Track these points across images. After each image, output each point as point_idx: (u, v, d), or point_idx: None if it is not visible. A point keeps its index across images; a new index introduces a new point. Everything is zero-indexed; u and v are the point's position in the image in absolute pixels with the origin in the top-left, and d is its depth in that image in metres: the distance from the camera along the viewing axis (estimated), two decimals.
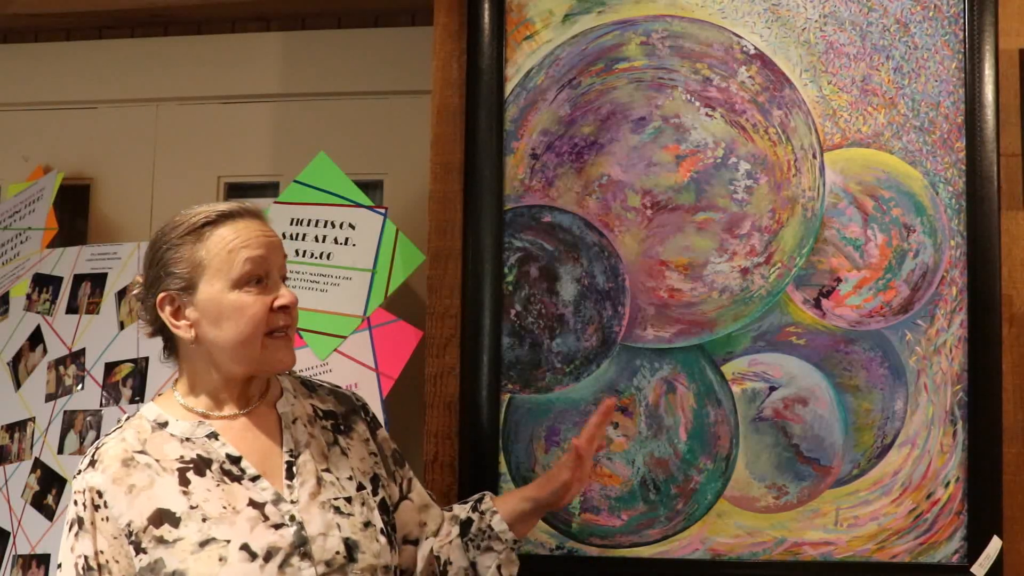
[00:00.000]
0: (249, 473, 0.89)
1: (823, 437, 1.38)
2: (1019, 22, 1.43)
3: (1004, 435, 1.38)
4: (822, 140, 1.40)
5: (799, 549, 1.38)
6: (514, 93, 1.42)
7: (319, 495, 0.90)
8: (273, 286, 0.91)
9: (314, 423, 0.98)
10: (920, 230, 1.39)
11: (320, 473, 0.92)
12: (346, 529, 0.89)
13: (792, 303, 1.38)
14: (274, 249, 0.92)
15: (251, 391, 0.94)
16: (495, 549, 1.08)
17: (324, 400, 1.04)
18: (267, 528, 0.85)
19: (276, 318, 0.90)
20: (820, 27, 1.42)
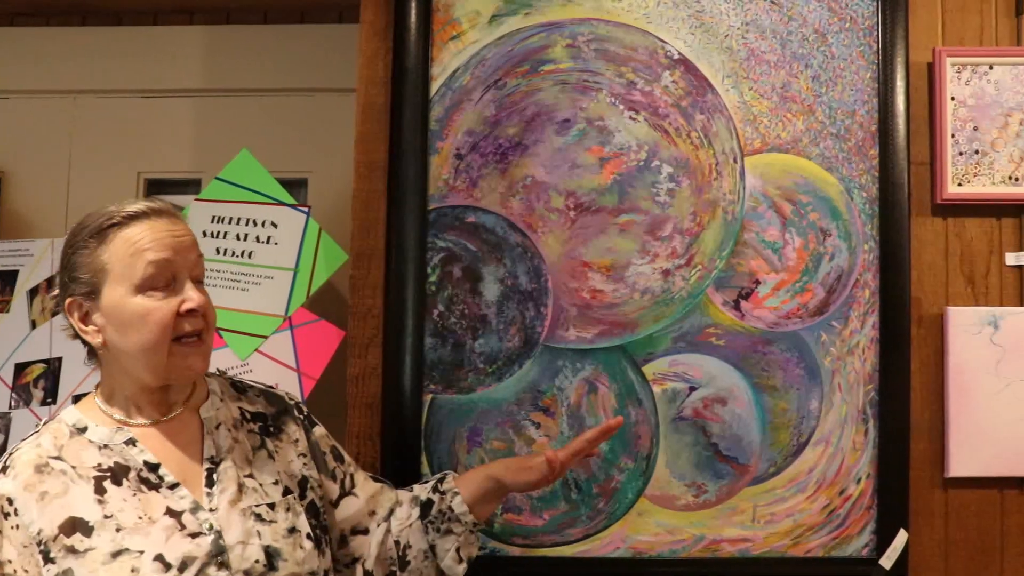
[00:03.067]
0: (168, 481, 0.90)
1: (741, 436, 1.51)
2: (928, 36, 1.59)
3: (912, 432, 1.53)
4: (743, 145, 1.53)
5: (718, 546, 1.51)
6: (439, 93, 1.51)
7: (239, 502, 0.92)
8: (180, 289, 0.91)
9: (240, 427, 1.00)
10: (836, 234, 1.54)
11: (242, 479, 0.94)
12: (267, 536, 0.92)
13: (712, 304, 1.51)
14: (183, 250, 0.92)
15: (172, 396, 0.96)
16: (455, 532, 1.12)
17: (253, 402, 1.06)
18: (183, 537, 0.86)
19: (183, 323, 0.91)
20: (742, 34, 1.55)
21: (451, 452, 1.47)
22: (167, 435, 0.94)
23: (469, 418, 1.48)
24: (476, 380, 1.48)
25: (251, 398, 1.06)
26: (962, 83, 1.56)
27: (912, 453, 1.53)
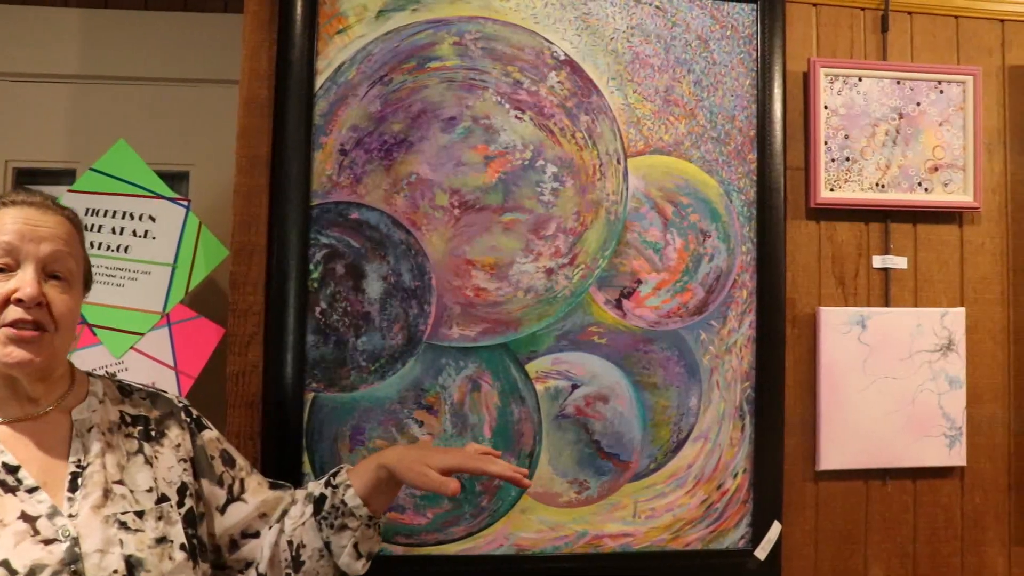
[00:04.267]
0: (26, 484, 0.89)
1: (623, 433, 1.63)
2: (803, 47, 1.74)
3: (786, 428, 1.67)
4: (626, 146, 1.65)
5: (600, 541, 1.61)
6: (324, 87, 1.55)
7: (103, 508, 0.91)
8: (21, 277, 0.91)
9: (117, 430, 0.99)
10: (715, 235, 1.67)
11: (109, 485, 0.93)
12: (131, 545, 0.91)
13: (595, 303, 1.62)
14: (36, 239, 0.92)
15: (33, 392, 0.95)
16: (350, 527, 1.07)
17: (137, 405, 1.05)
18: (35, 543, 0.85)
19: (11, 311, 0.90)
20: (628, 38, 1.66)
21: (334, 451, 1.51)
22: (32, 436, 0.93)
23: (352, 416, 1.52)
24: (359, 378, 1.53)
25: (136, 401, 1.05)
26: (834, 93, 1.71)
27: (786, 448, 1.66)
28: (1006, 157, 1.81)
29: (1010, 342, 1.79)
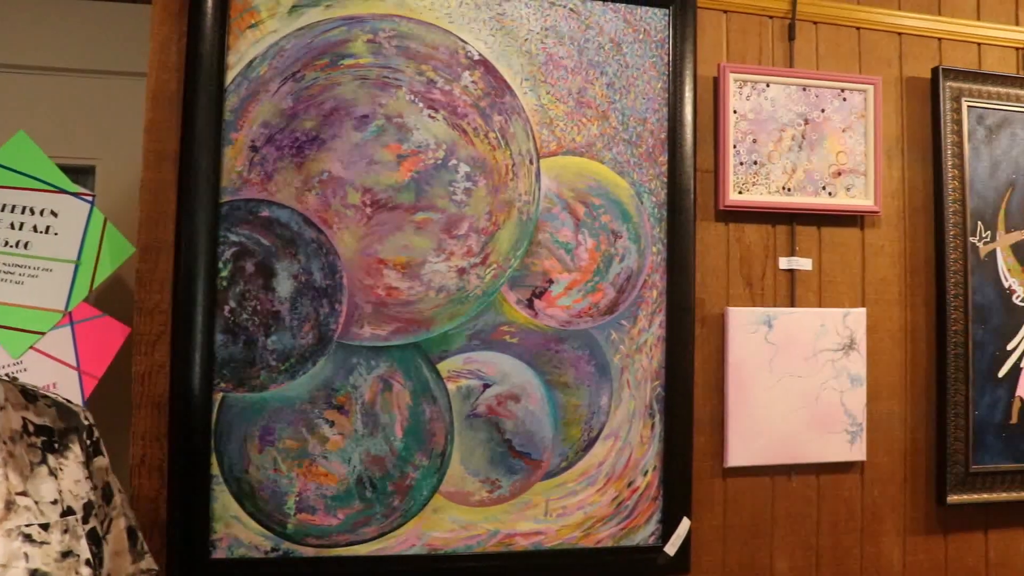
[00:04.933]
0: None
1: (534, 432, 1.70)
2: (714, 53, 1.84)
3: (695, 426, 1.76)
4: (539, 147, 1.72)
5: (512, 540, 1.68)
6: (235, 82, 1.58)
7: (6, 521, 0.89)
8: None
9: (19, 439, 1.02)
10: (626, 236, 1.75)
11: (13, 496, 0.92)
12: (36, 559, 0.89)
13: (506, 303, 1.69)
14: None
15: None
16: None
17: (42, 413, 1.07)
18: None
19: None
20: (542, 39, 1.74)
21: (242, 452, 1.54)
22: None
23: (261, 417, 1.55)
24: (268, 378, 1.56)
25: (40, 409, 1.03)
26: (743, 98, 1.82)
27: (695, 445, 1.75)
28: (904, 164, 1.94)
29: (907, 341, 1.92)
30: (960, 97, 1.93)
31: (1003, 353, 1.95)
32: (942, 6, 2.00)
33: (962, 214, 1.91)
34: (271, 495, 1.54)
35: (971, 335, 1.90)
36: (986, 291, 1.93)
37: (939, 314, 1.91)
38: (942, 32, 1.98)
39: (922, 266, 1.92)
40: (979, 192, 1.94)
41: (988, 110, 1.96)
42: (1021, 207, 1.99)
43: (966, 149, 1.92)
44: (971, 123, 1.93)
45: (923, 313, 1.92)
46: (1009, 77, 1.98)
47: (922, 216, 1.93)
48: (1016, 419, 1.95)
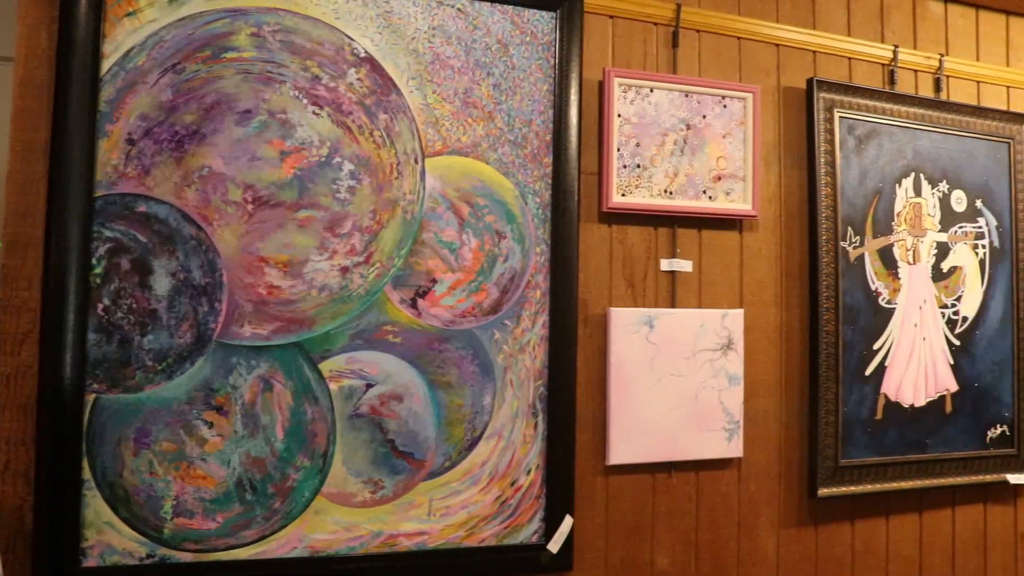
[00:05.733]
0: None
1: (417, 432, 1.84)
2: (599, 57, 2.04)
3: (577, 424, 1.95)
4: (424, 146, 1.87)
5: (395, 541, 1.81)
6: (111, 72, 1.64)
7: None
8: None
9: None
10: (510, 236, 1.93)
11: None
12: None
13: (389, 302, 1.84)
14: None
15: None
16: None
17: None
18: None
19: None
20: (429, 38, 1.89)
21: (116, 455, 1.61)
22: None
23: (136, 419, 1.61)
24: (144, 378, 1.63)
25: None
26: (627, 102, 2.03)
27: (577, 444, 1.93)
28: (780, 170, 2.19)
29: (782, 341, 2.17)
30: (833, 108, 2.19)
31: (870, 352, 2.23)
32: (816, 21, 2.26)
33: (834, 219, 2.17)
34: (147, 500, 1.62)
35: (841, 335, 2.17)
36: (855, 293, 2.21)
37: (812, 315, 2.16)
38: (816, 46, 2.24)
39: (796, 269, 2.18)
40: (849, 199, 2.21)
41: (858, 121, 2.23)
42: (887, 214, 2.27)
43: (838, 158, 2.19)
44: (842, 133, 2.20)
45: (797, 314, 2.18)
46: (877, 91, 2.26)
47: (797, 221, 2.19)
48: (881, 415, 2.24)
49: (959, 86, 2.45)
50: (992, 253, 2.42)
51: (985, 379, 2.38)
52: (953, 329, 2.34)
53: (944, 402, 2.31)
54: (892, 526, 2.27)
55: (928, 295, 2.29)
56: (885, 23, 2.33)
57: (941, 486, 2.30)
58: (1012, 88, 2.55)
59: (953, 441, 2.33)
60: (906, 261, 2.25)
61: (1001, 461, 2.41)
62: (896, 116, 2.25)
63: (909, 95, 2.29)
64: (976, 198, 2.40)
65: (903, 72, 2.34)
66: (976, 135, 2.40)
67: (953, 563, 2.37)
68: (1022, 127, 2.48)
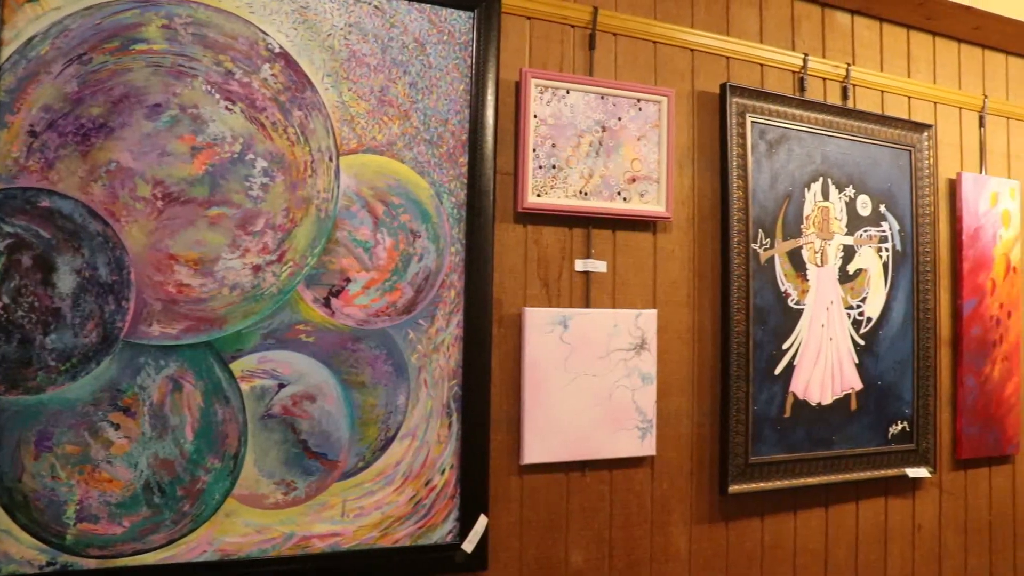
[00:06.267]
0: None
1: (330, 432, 1.85)
2: (516, 58, 2.07)
3: (492, 424, 1.99)
4: (339, 144, 1.87)
5: (308, 542, 1.82)
6: (11, 60, 1.59)
7: None
8: None
9: None
10: (425, 236, 1.95)
11: None
12: None
13: (303, 301, 1.84)
14: None
15: None
16: None
17: None
18: None
19: None
20: (345, 35, 1.89)
21: (15, 459, 1.57)
22: None
23: (37, 421, 1.58)
24: (46, 379, 1.60)
25: None
26: (544, 103, 2.07)
27: (492, 443, 1.96)
28: (694, 172, 2.26)
29: (694, 341, 2.24)
30: (745, 113, 2.27)
31: (779, 352, 2.32)
32: (730, 27, 2.34)
33: (745, 222, 2.25)
34: (48, 505, 1.59)
35: (752, 335, 2.25)
36: (765, 294, 2.29)
37: (723, 315, 2.23)
38: (730, 51, 2.32)
39: (709, 270, 2.25)
40: (760, 202, 2.29)
41: (769, 126, 2.32)
42: (796, 217, 2.36)
43: (749, 161, 2.27)
44: (754, 137, 2.28)
45: (709, 314, 2.25)
46: (787, 97, 2.35)
47: (709, 223, 2.26)
48: (789, 413, 2.33)
49: (864, 95, 2.56)
50: (895, 256, 2.53)
51: (887, 377, 2.50)
52: (858, 329, 2.44)
53: (849, 400, 2.41)
54: (800, 521, 2.36)
55: (835, 296, 2.39)
56: (796, 32, 2.42)
57: (846, 481, 2.40)
58: (913, 99, 2.68)
59: (857, 438, 2.43)
60: (814, 263, 2.35)
61: (901, 456, 2.52)
62: (806, 122, 2.34)
63: (818, 102, 2.38)
64: (880, 203, 2.51)
65: (812, 80, 2.44)
66: (880, 142, 2.51)
67: (856, 555, 2.48)
68: (922, 136, 2.60)
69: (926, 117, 2.69)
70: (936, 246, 2.64)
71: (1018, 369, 2.84)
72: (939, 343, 2.67)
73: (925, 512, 2.63)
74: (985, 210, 2.77)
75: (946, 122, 2.75)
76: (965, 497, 2.75)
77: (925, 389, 2.56)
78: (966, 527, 2.74)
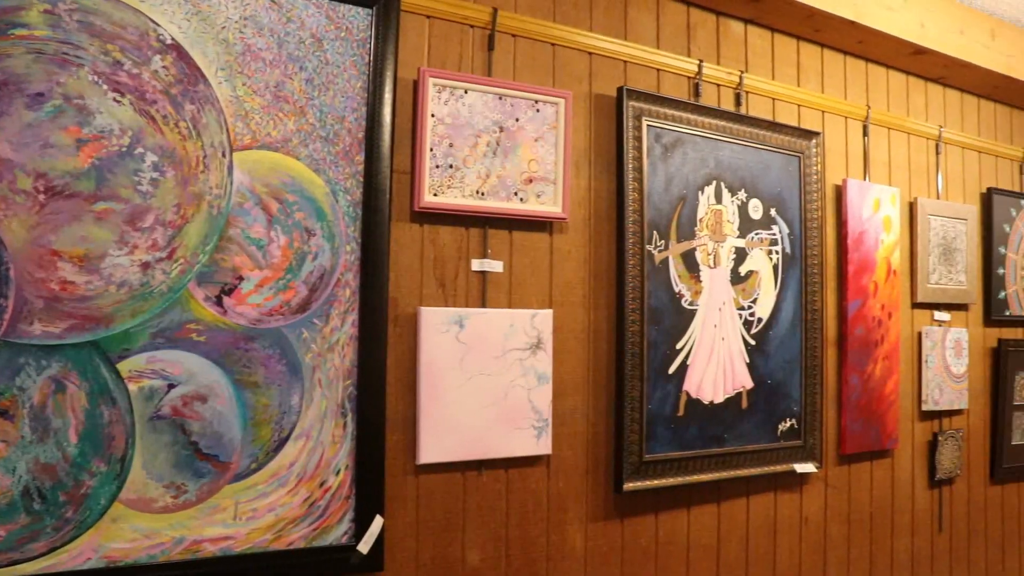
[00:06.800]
0: None
1: (222, 433, 1.83)
2: (415, 57, 2.09)
3: (387, 424, 1.99)
4: (232, 139, 1.85)
5: (199, 547, 1.78)
6: None
7: None
8: None
9: None
10: (320, 234, 1.94)
11: None
12: None
13: (193, 300, 1.81)
14: None
15: None
16: None
17: None
18: None
19: None
20: (240, 28, 1.87)
21: None
22: None
23: None
24: None
25: None
26: (442, 103, 2.09)
27: (388, 443, 1.97)
28: (590, 174, 2.31)
29: (589, 340, 2.29)
30: (641, 116, 2.34)
31: (673, 352, 2.39)
32: (628, 32, 2.41)
33: (640, 224, 2.32)
34: None
35: (646, 335, 2.32)
36: (660, 295, 2.36)
37: (619, 315, 2.30)
38: (627, 56, 2.39)
39: (604, 271, 2.31)
40: (655, 204, 2.36)
41: (665, 130, 2.39)
42: (690, 220, 2.45)
43: (645, 164, 2.33)
44: (650, 141, 2.35)
45: (605, 314, 2.31)
46: (683, 102, 2.43)
47: (605, 224, 2.32)
48: (683, 411, 2.40)
49: (757, 102, 2.67)
50: (784, 259, 2.64)
51: (777, 376, 2.60)
52: (749, 329, 2.54)
53: (741, 398, 2.51)
54: (693, 516, 2.44)
55: (727, 297, 2.48)
56: (692, 39, 2.51)
57: (737, 477, 2.50)
58: (802, 107, 2.80)
59: (748, 435, 2.53)
60: (707, 265, 2.43)
61: (790, 452, 2.64)
62: (700, 127, 2.43)
63: (712, 107, 2.47)
64: (771, 207, 2.61)
65: (707, 86, 2.53)
66: (771, 148, 2.62)
67: (747, 548, 2.57)
68: (811, 143, 2.73)
69: (814, 125, 2.81)
70: (823, 249, 2.77)
71: (898, 367, 3.00)
72: (826, 343, 2.79)
73: (811, 505, 2.75)
74: (868, 215, 2.92)
75: (833, 130, 2.88)
76: (848, 490, 2.89)
77: (812, 387, 2.67)
78: (849, 518, 2.88)
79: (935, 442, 3.15)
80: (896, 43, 2.83)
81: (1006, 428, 3.44)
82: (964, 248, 3.26)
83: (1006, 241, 3.45)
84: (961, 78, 3.22)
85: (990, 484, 3.42)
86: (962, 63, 3.03)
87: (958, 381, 3.21)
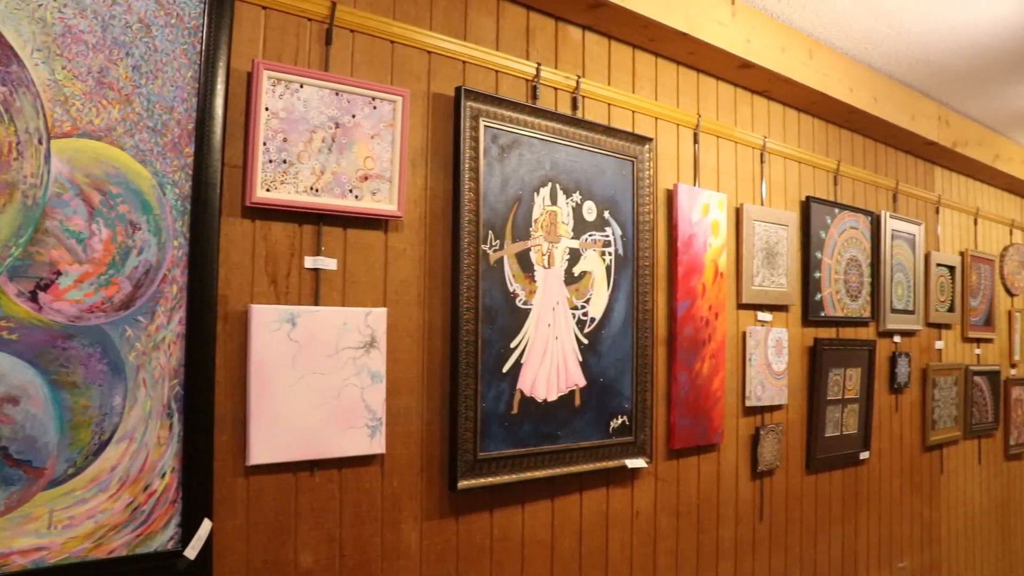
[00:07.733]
0: None
1: (36, 437, 1.75)
2: (250, 48, 2.05)
3: (216, 425, 1.96)
4: (50, 126, 1.77)
5: (7, 560, 1.68)
6: None
7: None
8: None
9: None
10: (146, 228, 1.89)
11: None
12: None
13: (5, 295, 1.72)
14: None
15: None
16: None
17: None
18: None
19: None
20: (59, 7, 1.78)
21: None
22: None
23: None
24: None
25: None
26: (276, 96, 2.07)
27: (216, 444, 1.94)
28: (427, 173, 2.35)
29: (424, 339, 2.33)
30: (479, 117, 2.39)
31: (507, 350, 2.46)
32: (467, 33, 2.46)
33: (476, 223, 2.37)
34: None
35: (480, 334, 2.37)
36: (494, 294, 2.42)
37: (453, 314, 2.34)
38: (466, 56, 2.44)
39: (440, 270, 2.35)
40: (491, 204, 2.42)
41: (502, 131, 2.45)
42: (525, 220, 2.52)
43: (481, 164, 2.39)
44: (487, 141, 2.41)
45: (439, 313, 2.35)
46: (520, 104, 2.50)
47: (441, 223, 2.36)
48: (517, 409, 2.47)
49: (593, 106, 2.77)
50: (617, 260, 2.76)
51: (609, 374, 2.72)
52: (583, 329, 2.64)
53: (574, 396, 2.60)
54: (527, 513, 2.52)
55: (561, 297, 2.57)
56: (531, 42, 2.58)
57: (570, 474, 2.59)
58: (636, 113, 2.93)
59: (581, 432, 2.63)
60: (542, 265, 2.51)
61: (621, 448, 2.76)
62: (537, 129, 2.50)
63: (549, 110, 2.55)
64: (605, 209, 2.72)
65: (545, 89, 2.61)
66: (606, 152, 2.73)
67: (581, 542, 2.68)
68: (644, 148, 2.86)
69: (648, 131, 2.95)
70: (655, 251, 2.91)
71: (724, 365, 3.18)
72: (656, 342, 2.93)
73: (642, 499, 2.88)
74: (698, 219, 3.08)
75: (665, 136, 3.03)
76: (677, 484, 3.04)
77: (643, 385, 2.80)
78: (678, 510, 3.03)
79: (757, 436, 3.36)
80: (725, 56, 3.00)
81: (820, 422, 3.71)
82: (785, 252, 3.49)
83: (822, 246, 3.72)
84: (783, 92, 3.44)
85: (806, 474, 3.68)
86: (783, 78, 3.25)
87: (779, 378, 3.44)
